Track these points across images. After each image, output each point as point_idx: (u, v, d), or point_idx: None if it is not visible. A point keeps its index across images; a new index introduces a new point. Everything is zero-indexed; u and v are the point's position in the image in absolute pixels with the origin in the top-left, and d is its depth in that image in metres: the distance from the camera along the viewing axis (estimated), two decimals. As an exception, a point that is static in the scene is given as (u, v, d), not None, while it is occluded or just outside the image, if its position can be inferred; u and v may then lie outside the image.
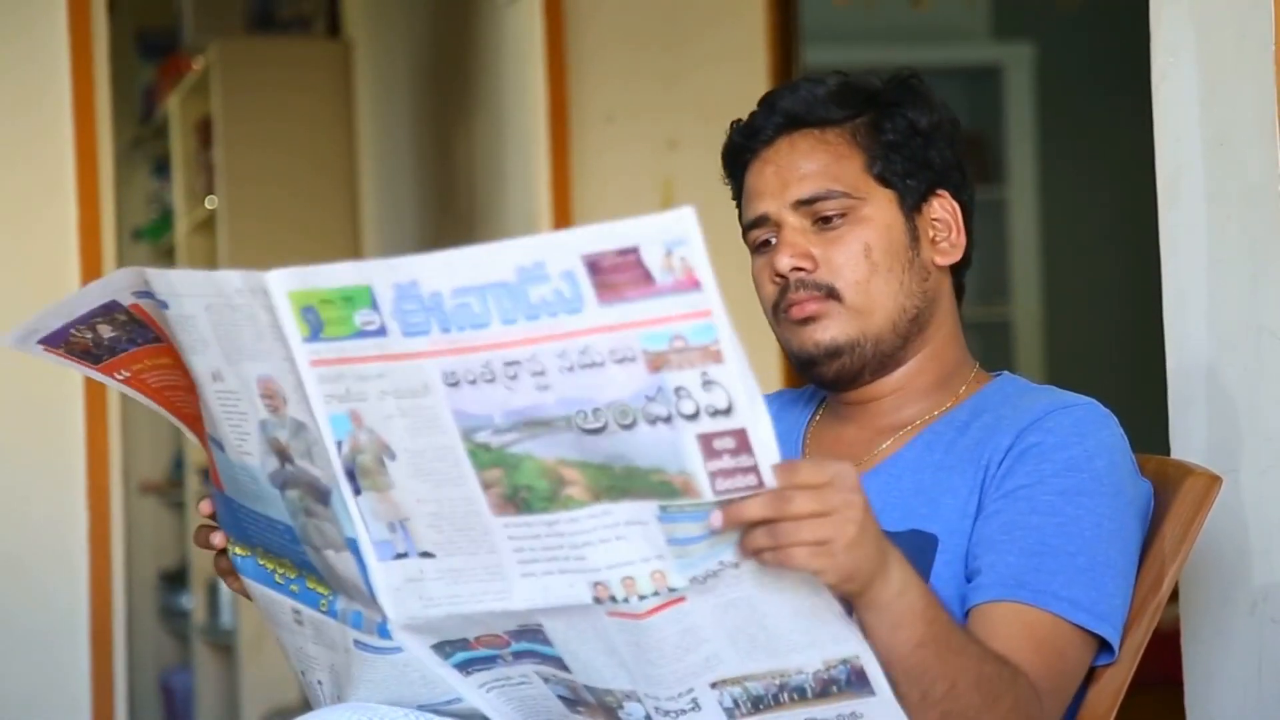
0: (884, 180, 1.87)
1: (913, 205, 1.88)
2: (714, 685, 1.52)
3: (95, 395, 3.45)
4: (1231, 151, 2.04)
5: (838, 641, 1.49)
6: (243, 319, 1.50)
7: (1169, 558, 1.82)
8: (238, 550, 1.70)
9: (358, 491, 1.52)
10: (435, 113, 5.19)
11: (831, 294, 1.85)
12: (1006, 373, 1.94)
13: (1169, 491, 1.85)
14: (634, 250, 1.35)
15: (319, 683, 1.71)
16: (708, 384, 1.37)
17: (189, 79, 6.17)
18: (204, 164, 6.13)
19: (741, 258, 1.94)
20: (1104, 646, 1.75)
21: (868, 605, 1.51)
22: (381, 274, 1.42)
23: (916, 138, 1.89)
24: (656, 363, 1.37)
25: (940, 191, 1.90)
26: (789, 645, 1.50)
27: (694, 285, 1.35)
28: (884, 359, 1.88)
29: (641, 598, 1.46)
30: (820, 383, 1.92)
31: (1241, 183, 2.03)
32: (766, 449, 1.40)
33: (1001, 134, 6.64)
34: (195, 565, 6.31)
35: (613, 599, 1.47)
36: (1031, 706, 1.65)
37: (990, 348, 6.32)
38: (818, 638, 1.49)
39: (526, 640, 1.55)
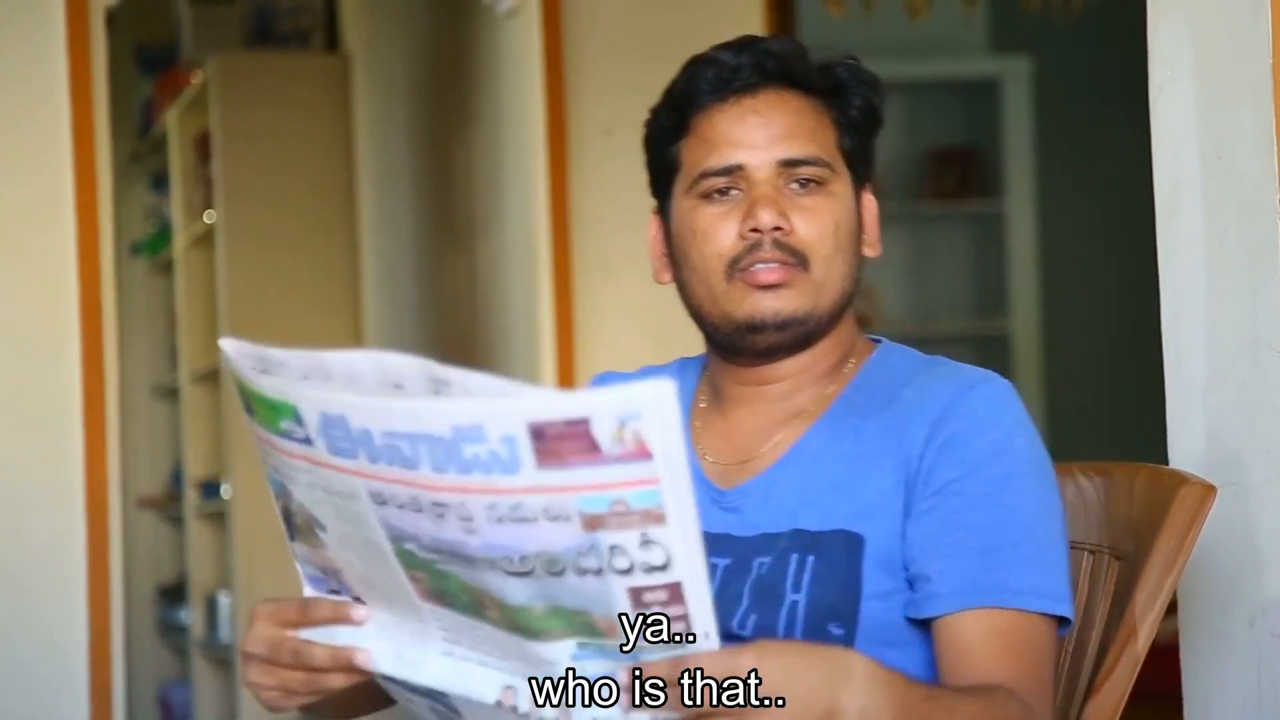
0: (847, 158, 1.83)
1: (856, 190, 1.85)
2: None
3: (94, 410, 3.44)
4: (1229, 164, 2.04)
5: None
6: None
7: (1165, 568, 1.82)
8: None
9: (292, 538, 1.52)
10: (433, 126, 5.19)
11: (803, 263, 1.79)
12: (885, 340, 1.89)
13: (1163, 501, 1.84)
14: (584, 421, 1.30)
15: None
16: (646, 543, 1.33)
17: (187, 93, 6.17)
18: (202, 178, 6.13)
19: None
20: (1061, 621, 1.73)
21: None
22: (309, 401, 1.39)
23: (869, 122, 1.85)
24: (593, 524, 1.33)
25: (867, 186, 1.87)
26: None
27: (643, 455, 1.30)
28: (810, 337, 1.83)
29: (550, 705, 1.42)
30: (748, 349, 1.83)
31: (1239, 195, 2.03)
32: (703, 604, 1.35)
33: (999, 147, 6.65)
34: (193, 579, 6.31)
35: (514, 709, 1.44)
36: None
37: (988, 361, 6.26)
38: None
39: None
